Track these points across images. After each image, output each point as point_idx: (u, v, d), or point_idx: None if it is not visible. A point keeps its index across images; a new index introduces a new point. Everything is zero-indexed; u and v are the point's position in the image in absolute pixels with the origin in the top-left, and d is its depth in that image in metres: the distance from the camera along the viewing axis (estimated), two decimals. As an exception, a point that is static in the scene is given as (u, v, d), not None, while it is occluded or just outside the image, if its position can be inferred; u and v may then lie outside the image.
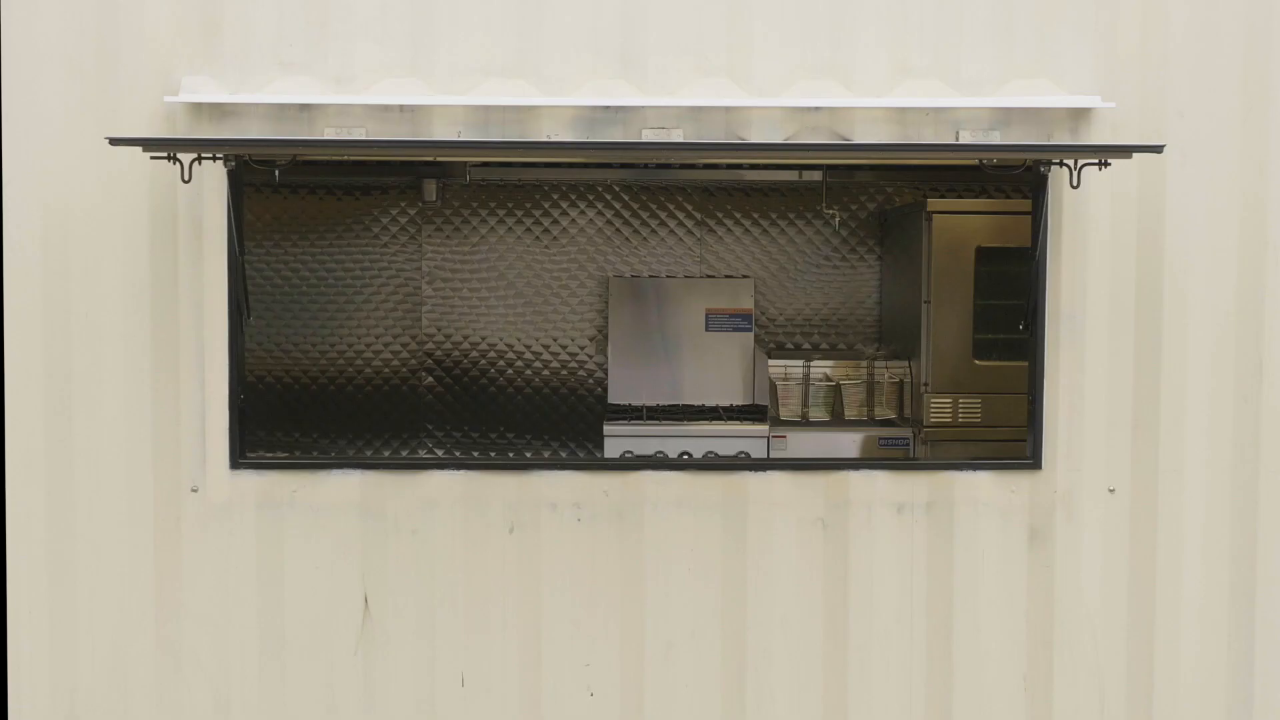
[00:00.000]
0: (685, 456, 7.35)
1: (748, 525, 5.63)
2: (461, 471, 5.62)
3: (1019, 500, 5.66)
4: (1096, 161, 5.27)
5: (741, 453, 7.36)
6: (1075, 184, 5.29)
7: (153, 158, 5.23)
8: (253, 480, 5.61)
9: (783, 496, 5.63)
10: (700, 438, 7.41)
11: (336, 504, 5.61)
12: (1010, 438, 7.25)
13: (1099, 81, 5.58)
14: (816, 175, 8.16)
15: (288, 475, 5.63)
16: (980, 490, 5.65)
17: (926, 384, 7.29)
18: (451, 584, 5.63)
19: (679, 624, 5.64)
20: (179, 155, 5.14)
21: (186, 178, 5.18)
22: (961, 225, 7.26)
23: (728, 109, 5.54)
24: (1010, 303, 7.35)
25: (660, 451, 7.34)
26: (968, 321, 7.27)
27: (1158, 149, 5.03)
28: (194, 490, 5.61)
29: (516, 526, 5.62)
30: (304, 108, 5.50)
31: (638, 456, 6.73)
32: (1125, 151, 5.15)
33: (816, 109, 5.54)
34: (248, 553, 5.62)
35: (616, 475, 5.64)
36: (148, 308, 5.57)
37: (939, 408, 7.26)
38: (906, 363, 7.60)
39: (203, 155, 5.24)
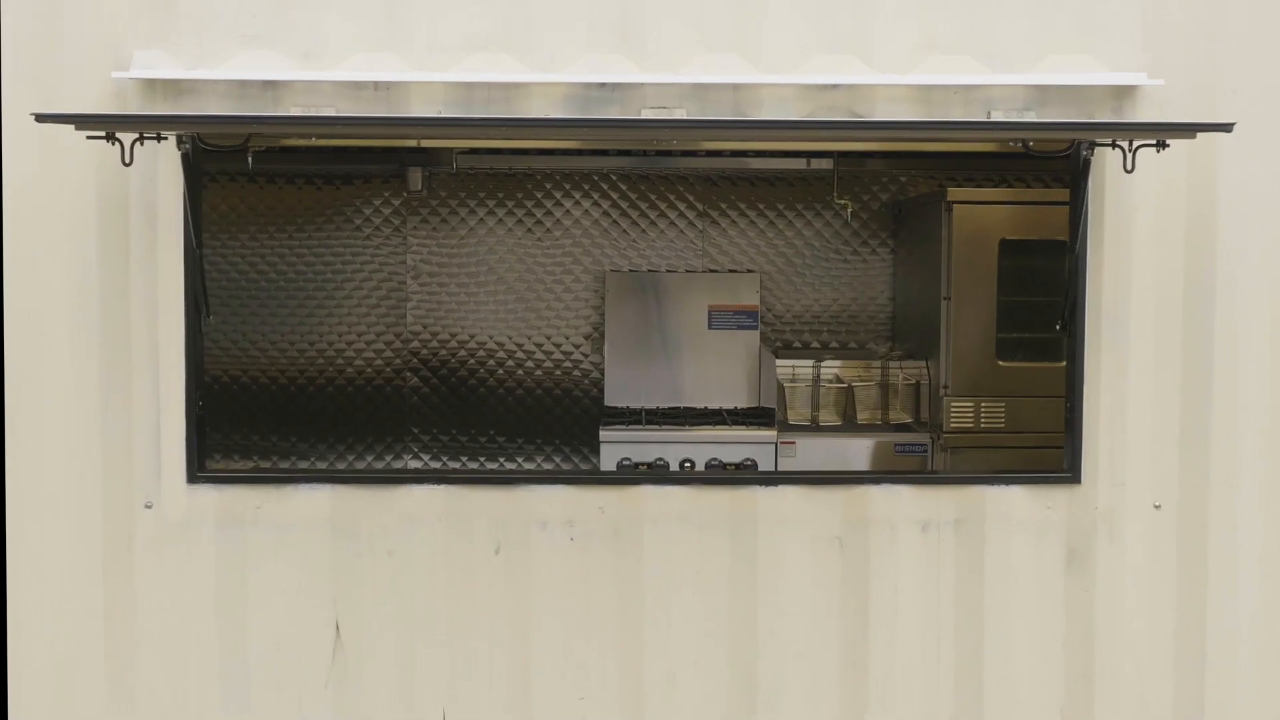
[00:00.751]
0: (687, 464, 6.78)
1: (758, 544, 5.07)
2: (442, 486, 5.05)
3: (1056, 518, 5.10)
4: (1154, 143, 4.68)
5: (747, 459, 6.80)
6: (1130, 167, 4.71)
7: (89, 138, 4.65)
8: (212, 495, 5.05)
9: (796, 513, 5.07)
10: (703, 443, 6.85)
11: (305, 522, 5.05)
12: (1036, 444, 6.69)
13: (1145, 57, 5.01)
14: (826, 163, 7.59)
15: (251, 490, 5.07)
16: (1013, 506, 5.09)
17: (946, 386, 6.72)
18: (432, 610, 5.07)
19: (682, 653, 5.08)
20: (119, 135, 4.56)
21: (128, 160, 4.61)
22: (984, 216, 6.68)
23: (735, 87, 4.98)
24: (1036, 299, 6.80)
25: (660, 459, 6.78)
26: (990, 319, 6.70)
27: (1226, 128, 4.46)
28: (148, 507, 5.06)
29: (504, 546, 5.06)
30: (268, 85, 4.94)
31: (636, 470, 6.13)
32: (1188, 131, 4.58)
33: (834, 87, 4.98)
34: (207, 575, 5.06)
35: (613, 490, 5.08)
36: (96, 304, 5.02)
37: (960, 412, 6.69)
38: (923, 363, 7.03)
39: (145, 135, 4.65)
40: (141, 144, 4.67)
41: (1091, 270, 5.05)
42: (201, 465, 5.06)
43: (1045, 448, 6.67)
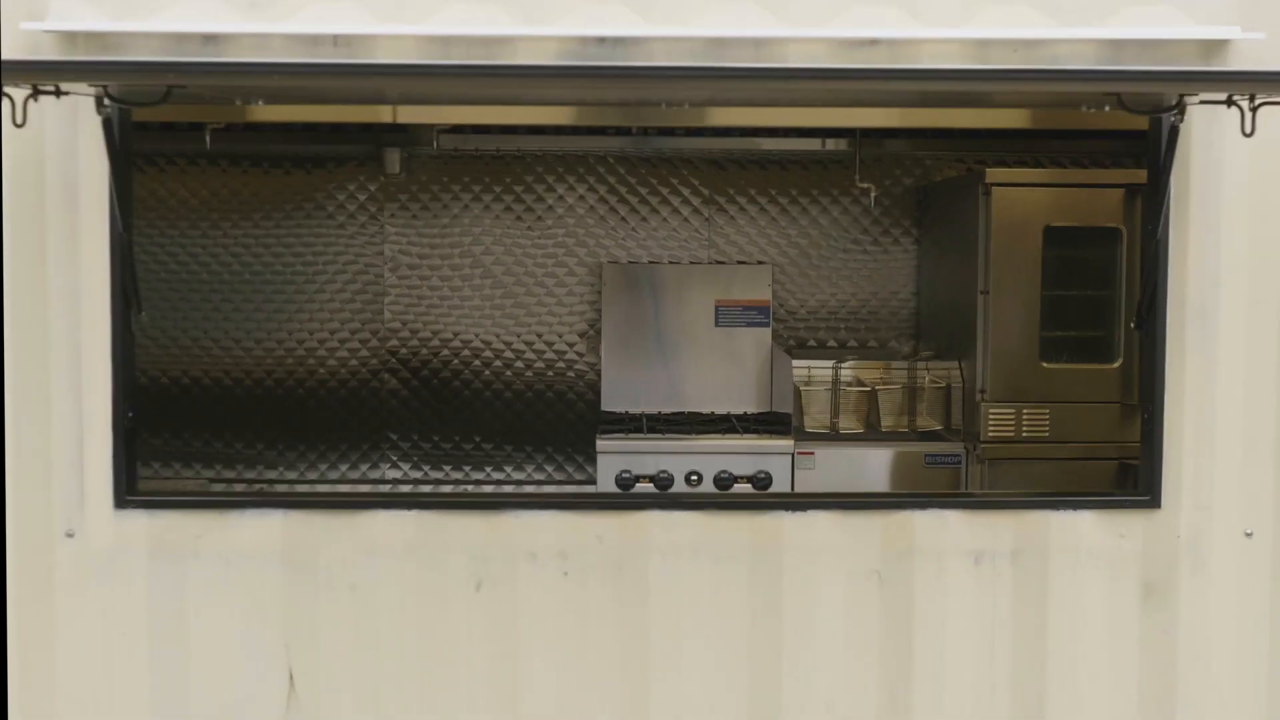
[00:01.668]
0: (694, 478, 5.97)
1: (783, 580, 4.26)
2: (414, 511, 4.24)
3: (1131, 547, 4.29)
4: None
5: (761, 472, 5.99)
6: (1249, 130, 3.89)
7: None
8: (143, 522, 4.24)
9: (828, 543, 4.26)
10: (711, 454, 6.03)
11: (253, 553, 4.24)
12: (1082, 455, 5.89)
13: (1238, 7, 4.20)
14: (842, 144, 6.80)
15: (189, 516, 4.25)
16: (1081, 534, 4.29)
17: (983, 391, 5.91)
18: (401, 656, 4.25)
19: (694, 708, 4.27)
20: (5, 89, 3.71)
21: (19, 120, 3.77)
22: (1027, 200, 5.87)
23: (757, 42, 4.16)
24: (1085, 293, 6.01)
25: (663, 471, 5.97)
26: (1033, 316, 5.88)
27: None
28: (69, 535, 4.25)
29: (486, 582, 4.24)
30: (209, 39, 4.11)
31: (638, 488, 5.26)
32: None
33: (872, 42, 4.16)
34: (138, 614, 4.25)
35: (614, 516, 4.26)
36: (5, 300, 4.19)
37: (999, 419, 5.88)
38: (955, 364, 6.21)
39: (41, 88, 3.81)
40: (35, 99, 3.83)
41: (1174, 259, 4.24)
42: (131, 487, 4.24)
43: (1093, 459, 5.90)
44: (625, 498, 4.32)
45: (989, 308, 5.89)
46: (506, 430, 7.06)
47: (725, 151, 6.94)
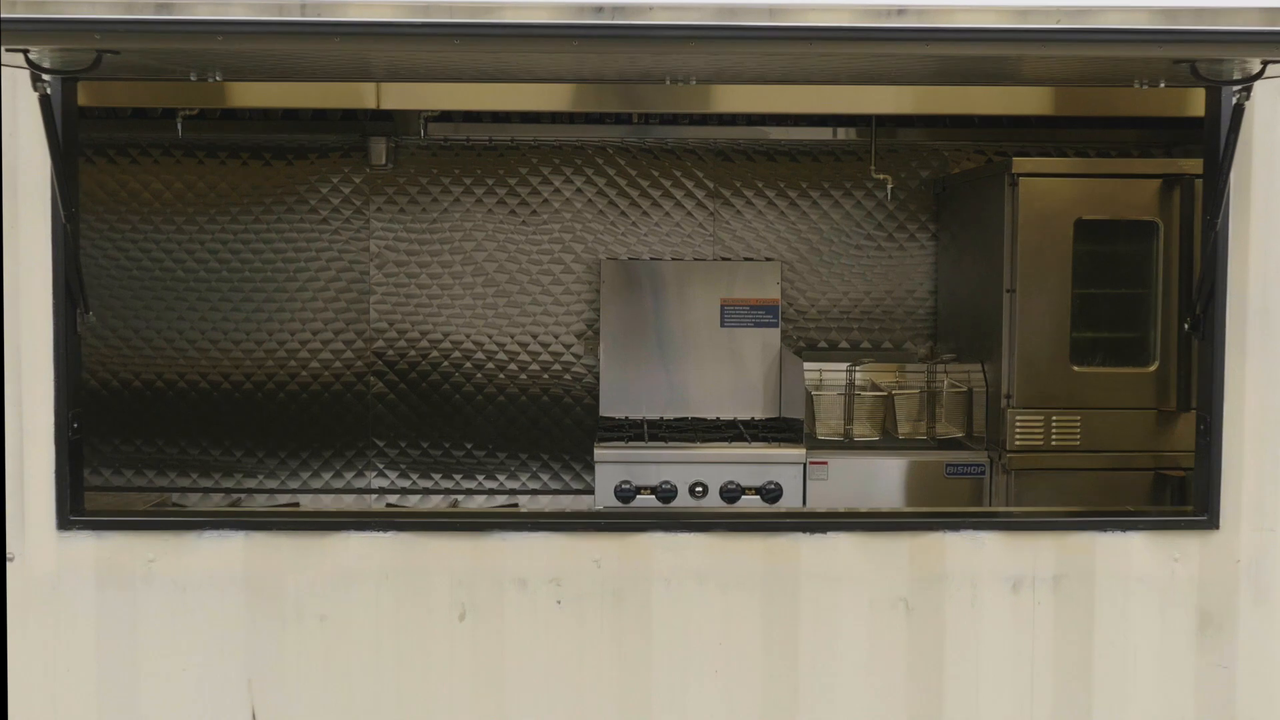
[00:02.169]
0: (698, 489, 5.52)
1: (799, 609, 3.81)
2: (390, 533, 3.78)
3: (1185, 572, 3.84)
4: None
5: (771, 483, 5.53)
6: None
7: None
8: (91, 545, 3.78)
9: (850, 568, 3.81)
10: (717, 464, 5.58)
11: (212, 578, 3.78)
12: (1115, 465, 5.43)
13: (1306, -28, 3.75)
14: (854, 134, 6.35)
15: (142, 537, 3.80)
16: (1130, 558, 3.83)
17: (1009, 396, 5.45)
18: (377, 693, 3.80)
19: (702, 750, 3.82)
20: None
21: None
22: (1057, 192, 5.40)
23: (771, 9, 3.70)
24: (1119, 292, 5.55)
25: (666, 482, 5.51)
26: (1063, 316, 5.42)
27: None
28: (9, 559, 3.79)
29: (470, 611, 3.79)
30: (162, 5, 3.65)
31: (640, 510, 4.75)
32: None
33: (900, 10, 3.70)
34: (85, 645, 3.80)
35: (612, 538, 3.80)
36: (-64, 298, 3.75)
37: (1027, 426, 5.42)
38: (979, 367, 5.75)
39: (-47, 54, 3.35)
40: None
41: (1235, 251, 3.79)
42: (77, 505, 3.79)
43: (1127, 469, 5.45)
44: (625, 518, 3.86)
45: (1015, 307, 5.43)
46: (499, 437, 6.61)
47: (731, 141, 6.49)
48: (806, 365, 5.85)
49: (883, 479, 5.62)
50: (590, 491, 5.97)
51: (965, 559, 3.80)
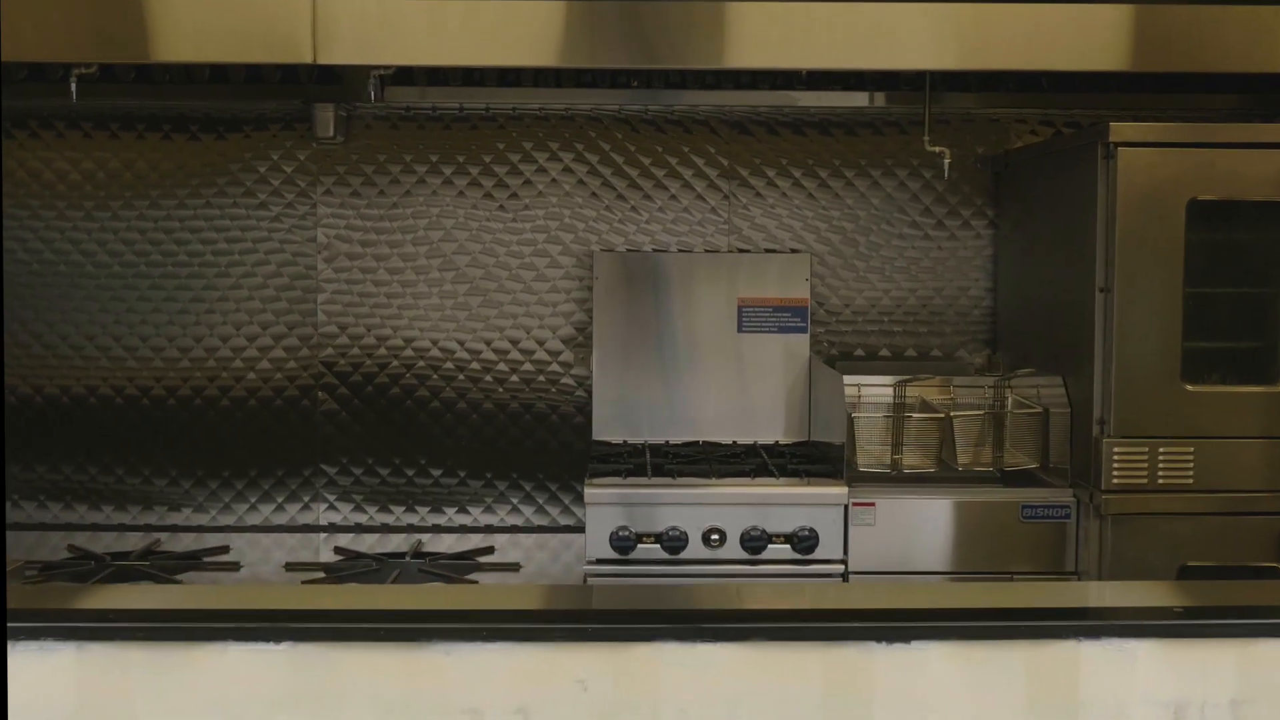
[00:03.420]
0: (715, 538, 4.33)
1: (873, 753, 2.61)
2: (286, 645, 2.57)
3: None
4: None
5: (804, 529, 4.35)
6: None
7: None
8: None
9: (944, 690, 2.60)
10: (737, 505, 4.39)
11: (28, 710, 2.58)
12: (1238, 509, 4.24)
13: None
14: (895, 101, 5.18)
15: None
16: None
17: (1104, 421, 4.25)
18: None
19: None
20: None
21: None
22: (1166, 166, 4.20)
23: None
24: (1244, 291, 4.37)
25: (673, 528, 4.33)
26: (1173, 321, 4.21)
27: None
28: None
29: (401, 756, 2.59)
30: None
31: (644, 614, 3.40)
32: None
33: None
34: None
35: (604, 649, 2.60)
36: None
37: (1128, 460, 4.21)
38: (1060, 382, 4.55)
39: None
40: None
41: None
42: None
43: (1255, 514, 4.25)
44: (623, 625, 2.63)
45: (1112, 310, 4.22)
46: (472, 463, 5.40)
47: (750, 110, 5.28)
48: (847, 379, 4.64)
49: (942, 523, 4.43)
50: (581, 528, 4.76)
51: (1109, 677, 2.60)
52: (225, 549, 5.01)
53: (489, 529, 5.37)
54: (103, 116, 5.27)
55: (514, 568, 4.75)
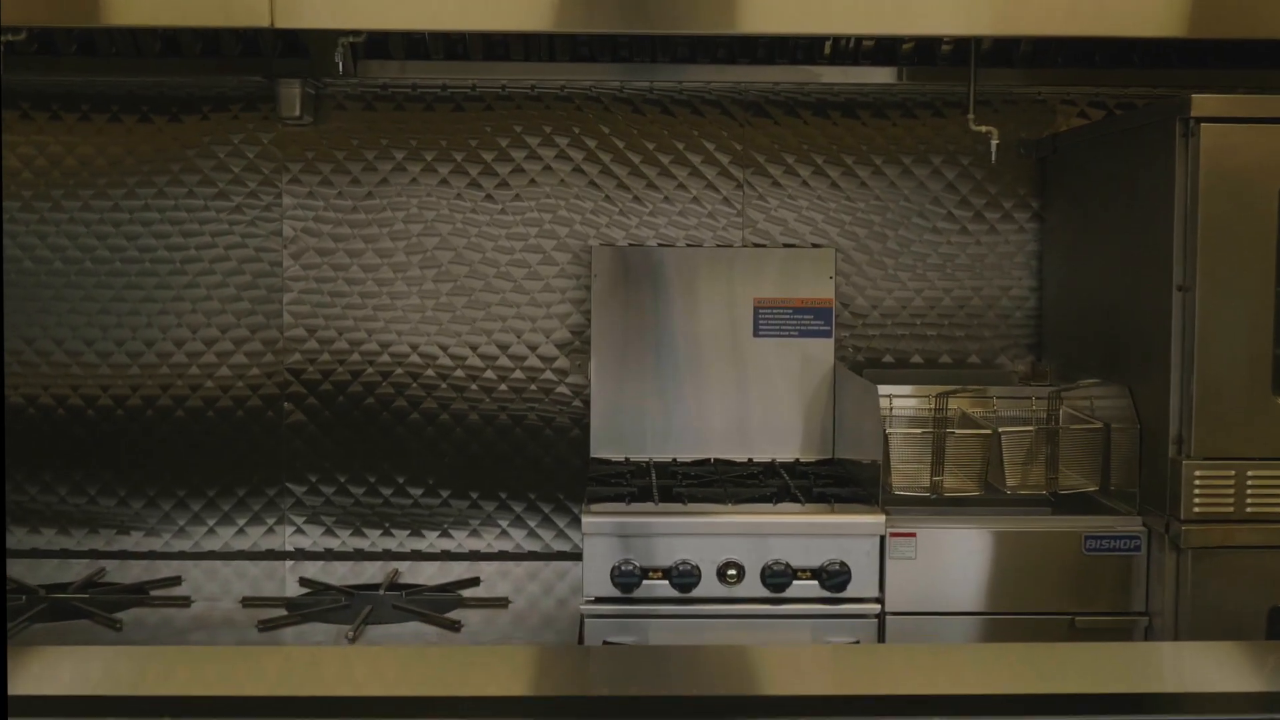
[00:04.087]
0: (732, 574, 3.71)
1: None
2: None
3: None
4: None
5: (834, 563, 3.73)
6: None
7: None
8: None
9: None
10: (757, 536, 3.77)
11: None
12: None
13: None
14: (927, 78, 4.57)
15: None
16: None
17: (1182, 440, 3.63)
18: None
19: None
20: None
21: None
22: (1254, 146, 3.58)
23: None
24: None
25: (683, 562, 3.71)
26: (1265, 326, 3.60)
27: None
28: None
29: None
30: None
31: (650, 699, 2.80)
32: None
33: None
34: None
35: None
36: None
37: (1211, 486, 3.59)
38: (1126, 394, 3.93)
39: None
40: None
41: None
42: None
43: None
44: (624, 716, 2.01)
45: (1191, 311, 3.60)
46: (456, 481, 4.78)
47: (767, 89, 4.67)
48: (881, 390, 4.02)
49: (992, 556, 3.80)
50: (578, 555, 4.13)
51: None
52: (177, 580, 4.40)
53: (475, 556, 4.75)
54: (43, 96, 4.65)
55: (502, 603, 4.15)
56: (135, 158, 4.69)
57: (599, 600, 3.79)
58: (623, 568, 3.74)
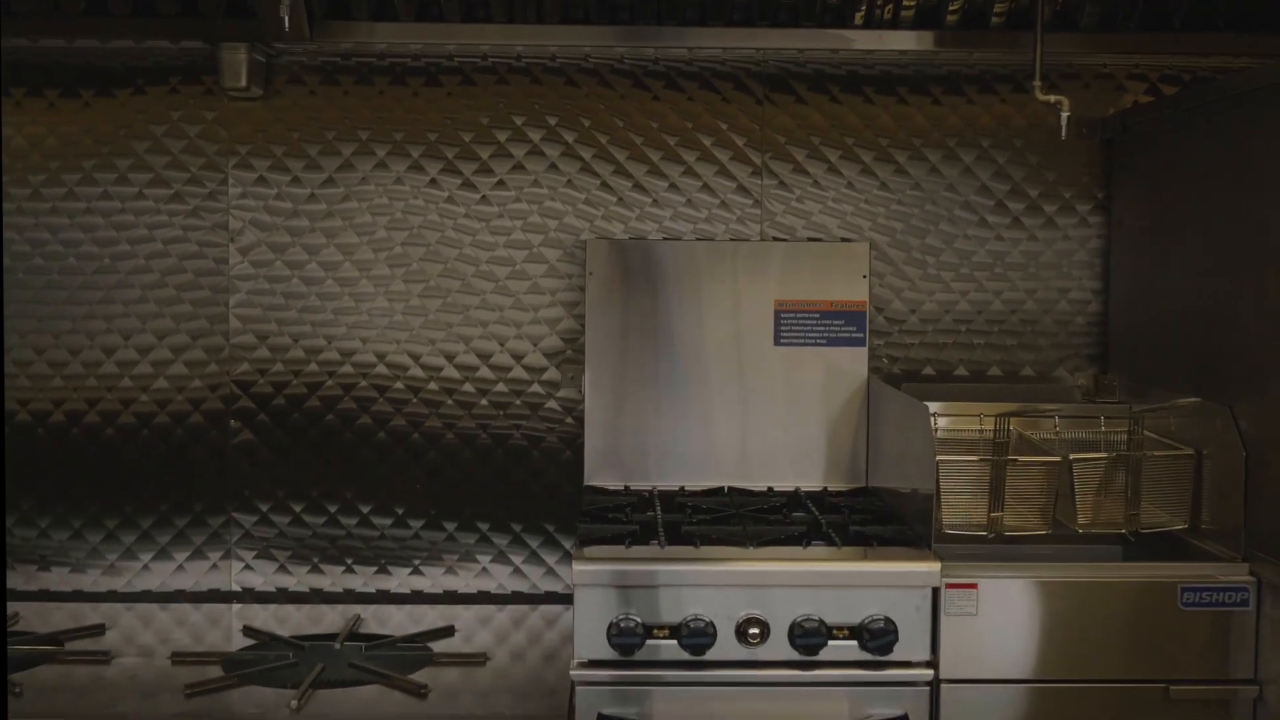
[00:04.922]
0: (754, 635, 3.01)
1: None
2: None
3: None
4: None
5: (876, 619, 3.03)
6: None
7: None
8: None
9: None
10: (784, 587, 3.07)
11: None
12: None
13: None
14: (973, 49, 3.90)
15: None
16: None
17: (1303, 471, 2.94)
18: None
19: None
20: None
21: None
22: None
23: None
24: None
25: (694, 617, 3.03)
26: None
27: None
28: None
29: None
30: None
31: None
32: None
33: None
34: None
35: None
36: None
37: (1342, 530, 2.91)
38: (1227, 413, 3.23)
39: None
40: None
41: None
42: None
43: None
44: None
45: (1312, 318, 2.91)
46: (429, 511, 4.09)
47: (791, 58, 3.99)
48: (930, 407, 3.31)
49: (1068, 614, 3.10)
50: (569, 597, 3.41)
51: None
52: (101, 629, 3.75)
53: (450, 598, 4.06)
54: (-49, 63, 3.96)
55: (479, 661, 3.51)
56: (57, 138, 3.99)
57: (593, 664, 3.09)
58: (622, 625, 3.04)
